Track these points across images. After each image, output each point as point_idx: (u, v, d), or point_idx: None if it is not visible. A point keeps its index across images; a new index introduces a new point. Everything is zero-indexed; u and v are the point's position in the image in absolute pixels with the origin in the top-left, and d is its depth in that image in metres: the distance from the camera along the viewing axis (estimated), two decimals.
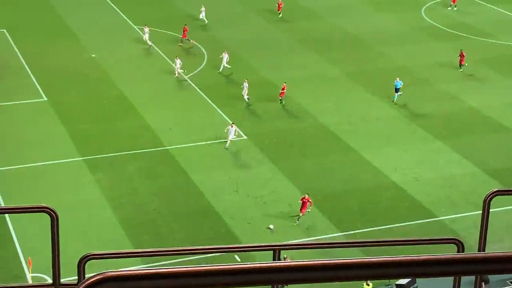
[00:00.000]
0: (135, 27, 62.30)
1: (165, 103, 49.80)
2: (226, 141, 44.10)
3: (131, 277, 2.51)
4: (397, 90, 50.53)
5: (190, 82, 52.75)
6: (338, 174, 41.98)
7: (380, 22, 65.85)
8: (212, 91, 51.21)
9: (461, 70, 55.76)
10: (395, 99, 50.50)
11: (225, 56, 54.22)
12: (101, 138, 44.90)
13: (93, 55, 57.30)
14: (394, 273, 2.53)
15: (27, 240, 34.75)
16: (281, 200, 39.25)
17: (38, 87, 51.48)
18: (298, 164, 42.81)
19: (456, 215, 38.54)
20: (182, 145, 44.41)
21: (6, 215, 36.18)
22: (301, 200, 37.51)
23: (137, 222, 36.95)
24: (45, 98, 49.96)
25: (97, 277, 2.53)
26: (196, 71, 54.60)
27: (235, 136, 44.11)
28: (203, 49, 58.41)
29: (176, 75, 53.32)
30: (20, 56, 56.25)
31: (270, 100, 49.98)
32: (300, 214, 37.26)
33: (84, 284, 2.52)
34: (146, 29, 58.63)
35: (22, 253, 34.06)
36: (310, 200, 37.39)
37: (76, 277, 6.28)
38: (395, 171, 42.33)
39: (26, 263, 32.89)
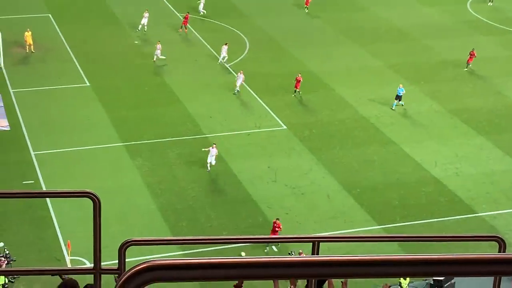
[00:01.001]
0: (178, 14, 62.50)
1: (206, 91, 49.93)
2: (210, 163, 40.38)
3: (178, 266, 2.49)
4: (397, 97, 47.73)
5: (231, 70, 52.81)
6: (378, 167, 41.71)
7: (425, 14, 65.12)
8: (253, 80, 51.18)
9: (466, 69, 54.44)
10: (393, 106, 47.81)
11: (224, 48, 53.82)
12: (142, 124, 45.22)
13: (135, 42, 57.69)
14: (435, 271, 2.49)
15: (67, 223, 35.21)
16: (319, 191, 39.16)
17: (81, 72, 52.02)
18: (338, 156, 42.64)
19: (497, 212, 38.07)
20: (222, 134, 44.52)
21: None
22: (274, 223, 34.52)
23: (176, 209, 37.18)
24: (88, 83, 50.47)
25: (144, 265, 2.51)
26: (237, 60, 54.65)
27: (214, 156, 40.38)
28: (245, 38, 58.41)
29: (155, 59, 53.37)
30: (64, 41, 56.87)
31: (310, 91, 49.80)
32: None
33: (130, 272, 2.51)
34: (146, 14, 58.61)
35: (62, 236, 34.53)
36: (280, 227, 34.10)
37: (114, 261, 6.33)
38: (436, 165, 41.94)
39: (65, 246, 33.33)
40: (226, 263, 2.45)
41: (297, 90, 49.14)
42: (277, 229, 34.20)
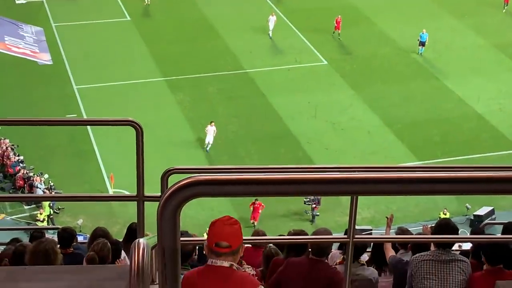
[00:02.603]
0: None
1: (246, 25, 49.59)
2: (209, 142, 37.00)
3: (222, 181, 2.53)
4: (422, 43, 45.85)
5: (272, 5, 52.28)
6: (420, 103, 41.34)
7: None
8: (294, 15, 50.67)
9: (504, 11, 52.00)
10: (421, 51, 46.03)
11: None
12: (182, 59, 45.26)
13: None
14: (474, 189, 2.54)
15: (109, 157, 35.75)
16: (360, 127, 39.05)
17: (122, 6, 52.01)
18: (379, 91, 42.30)
19: None
20: (262, 69, 44.40)
21: (90, 131, 37.26)
22: (251, 205, 32.09)
23: (216, 143, 37.42)
24: (129, 18, 50.51)
25: (188, 180, 2.57)
26: None
27: (212, 134, 37.09)
28: None
29: (146, 2, 52.34)
30: None
31: (351, 26, 49.10)
32: (255, 222, 31.66)
33: (175, 187, 2.57)
34: None
35: (105, 169, 35.11)
36: (262, 204, 31.96)
37: (157, 194, 6.48)
38: (479, 101, 41.41)
39: (108, 178, 33.93)
40: (270, 179, 2.49)
41: (338, 31, 48.13)
42: (260, 210, 32.28)
